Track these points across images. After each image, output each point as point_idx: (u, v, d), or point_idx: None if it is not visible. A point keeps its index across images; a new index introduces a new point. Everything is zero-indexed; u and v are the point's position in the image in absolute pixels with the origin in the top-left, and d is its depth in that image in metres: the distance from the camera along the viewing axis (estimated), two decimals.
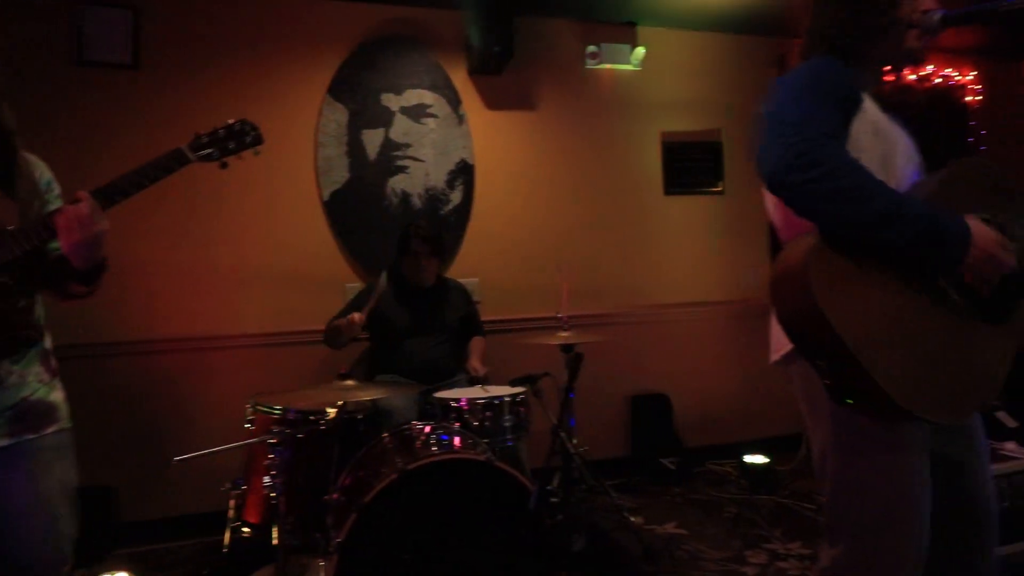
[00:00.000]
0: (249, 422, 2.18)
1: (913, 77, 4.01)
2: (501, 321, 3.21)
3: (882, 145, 1.21)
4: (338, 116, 3.05)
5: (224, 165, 1.44)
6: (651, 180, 3.59)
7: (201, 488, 2.65)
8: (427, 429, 1.90)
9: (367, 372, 2.87)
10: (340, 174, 3.05)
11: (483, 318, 3.04)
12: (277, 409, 2.11)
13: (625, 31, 3.55)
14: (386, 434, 2.00)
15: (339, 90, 3.06)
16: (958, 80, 4.11)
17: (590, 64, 3.47)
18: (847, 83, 1.18)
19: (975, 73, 4.15)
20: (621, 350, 3.47)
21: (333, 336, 2.61)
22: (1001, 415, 3.22)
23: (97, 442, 2.65)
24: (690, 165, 3.66)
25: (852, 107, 1.17)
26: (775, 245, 1.21)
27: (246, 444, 2.04)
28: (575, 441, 2.59)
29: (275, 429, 1.98)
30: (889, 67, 1.32)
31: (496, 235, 3.30)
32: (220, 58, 2.95)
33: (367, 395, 1.95)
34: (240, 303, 2.94)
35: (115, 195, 1.23)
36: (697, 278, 3.60)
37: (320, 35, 3.08)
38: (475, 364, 2.69)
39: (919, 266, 1.10)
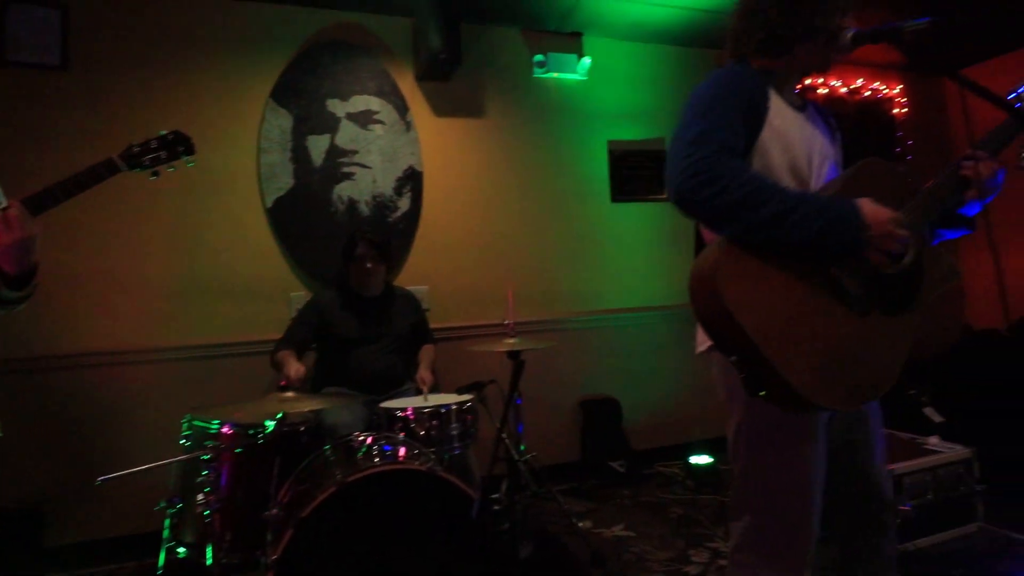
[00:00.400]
0: (185, 438, 2.10)
1: (844, 90, 4.21)
2: (450, 328, 3.21)
3: (790, 151, 1.27)
4: (282, 121, 2.99)
5: (156, 175, 1.49)
6: (598, 187, 3.65)
7: (135, 508, 2.55)
8: (369, 440, 1.87)
9: (314, 383, 2.81)
10: (284, 181, 2.99)
11: (432, 325, 3.02)
12: (214, 423, 2.05)
13: (571, 41, 3.61)
14: (328, 446, 1.96)
15: (283, 95, 3.00)
16: (886, 93, 4.34)
17: (538, 73, 3.51)
18: (751, 92, 1.25)
19: (901, 87, 4.39)
20: (572, 355, 3.51)
21: (278, 369, 2.55)
22: (928, 411, 3.39)
23: (23, 462, 2.51)
24: (636, 173, 3.74)
25: (756, 115, 1.24)
26: (700, 248, 1.27)
27: (176, 461, 1.96)
28: (523, 447, 2.60)
29: (209, 444, 1.92)
30: (804, 74, 1.39)
31: (445, 242, 3.30)
32: (157, 60, 2.85)
33: (308, 407, 1.92)
34: (178, 314, 2.84)
35: (45, 201, 1.28)
36: (645, 283, 3.67)
37: (262, 39, 3.02)
38: (423, 375, 2.66)
39: (827, 258, 1.17)
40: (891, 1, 3.43)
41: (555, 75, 3.55)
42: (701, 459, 3.21)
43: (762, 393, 1.17)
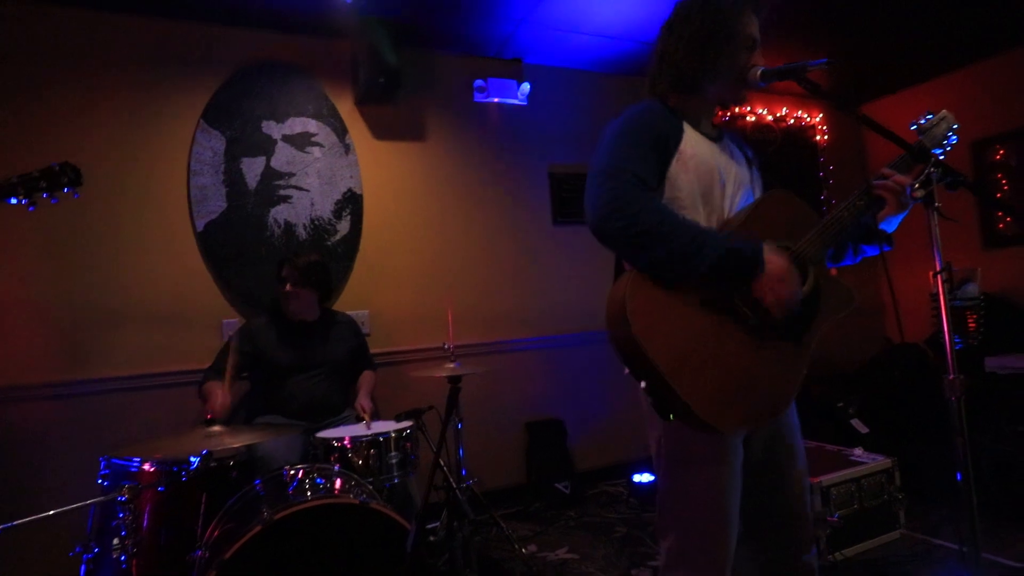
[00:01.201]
0: (102, 477, 1.98)
1: (771, 118, 4.44)
2: (392, 353, 3.16)
3: (702, 180, 1.33)
4: (214, 143, 2.91)
5: (33, 205, 1.49)
6: (540, 210, 3.70)
7: (46, 556, 2.37)
8: (300, 473, 1.81)
9: (248, 413, 2.71)
10: (216, 204, 2.89)
11: (374, 350, 2.97)
12: (134, 461, 1.93)
13: (511, 67, 3.67)
14: (258, 481, 1.89)
15: (215, 116, 2.91)
16: (808, 121, 4.60)
17: (478, 98, 3.55)
18: (663, 125, 1.32)
19: (822, 115, 4.67)
20: (516, 378, 3.51)
21: (205, 400, 2.44)
22: (855, 422, 3.56)
23: None
24: (577, 196, 3.81)
25: (667, 148, 1.31)
26: (620, 275, 1.32)
27: (89, 504, 1.84)
28: (464, 473, 2.57)
29: (128, 484, 1.81)
30: (717, 108, 1.46)
31: (386, 266, 3.26)
32: (82, 79, 2.72)
33: (237, 440, 1.84)
34: (100, 344, 2.68)
35: None
36: (587, 304, 3.72)
37: (193, 59, 2.94)
38: (362, 403, 2.60)
39: (724, 287, 1.24)
40: (805, 37, 3.67)
41: (496, 100, 3.59)
42: (644, 477, 3.25)
43: (672, 417, 1.21)
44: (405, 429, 2.25)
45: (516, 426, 3.49)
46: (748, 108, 4.34)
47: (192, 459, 1.87)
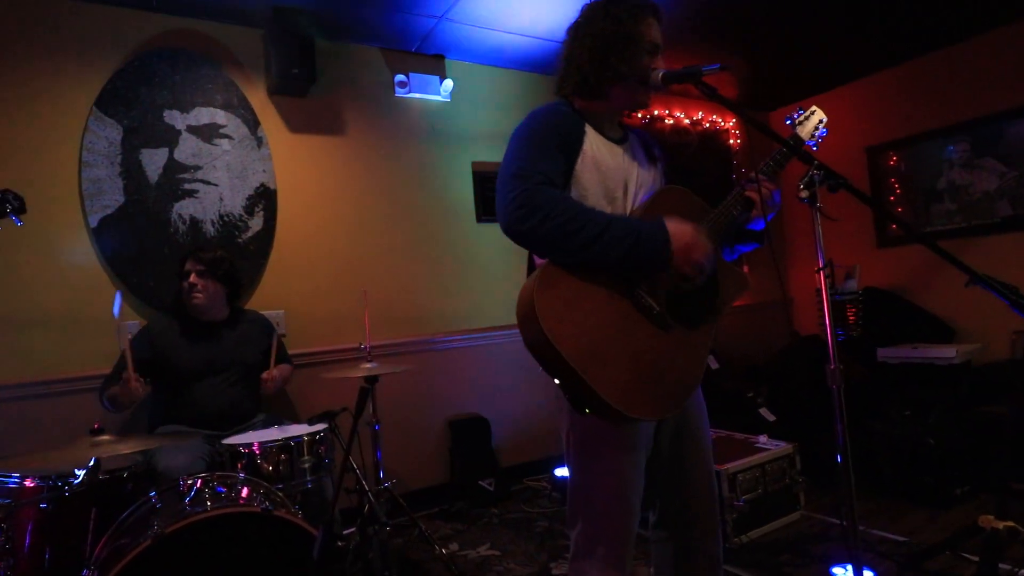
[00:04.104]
0: None
1: (688, 121, 4.61)
2: (308, 354, 3.06)
3: (605, 180, 1.38)
4: (109, 132, 2.71)
5: None
6: (464, 208, 3.69)
7: None
8: (199, 483, 1.71)
9: (149, 423, 2.54)
10: (112, 198, 2.70)
11: (290, 351, 2.87)
12: (13, 477, 1.77)
13: (434, 63, 3.63)
14: (153, 493, 1.77)
15: (110, 103, 2.71)
16: (722, 125, 4.82)
17: (399, 93, 3.49)
18: (567, 127, 1.36)
19: (735, 119, 4.90)
20: (439, 376, 3.48)
21: (112, 403, 2.28)
22: (763, 411, 3.76)
23: None
24: None
25: (572, 148, 1.34)
26: (532, 270, 1.35)
27: None
28: (382, 475, 2.53)
29: (4, 502, 1.66)
30: (623, 110, 1.50)
31: (302, 263, 3.15)
32: None
33: (128, 448, 1.72)
34: None
35: None
36: (512, 301, 3.72)
37: (85, 42, 2.72)
38: (270, 372, 2.50)
39: (640, 274, 1.28)
40: (718, 47, 3.83)
41: (418, 96, 3.54)
42: (565, 470, 3.30)
43: (587, 411, 1.25)
44: (318, 432, 2.18)
45: (439, 425, 3.46)
46: (667, 111, 4.49)
47: (77, 471, 1.74)
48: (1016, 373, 3.37)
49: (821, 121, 1.61)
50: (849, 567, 1.35)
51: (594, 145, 1.38)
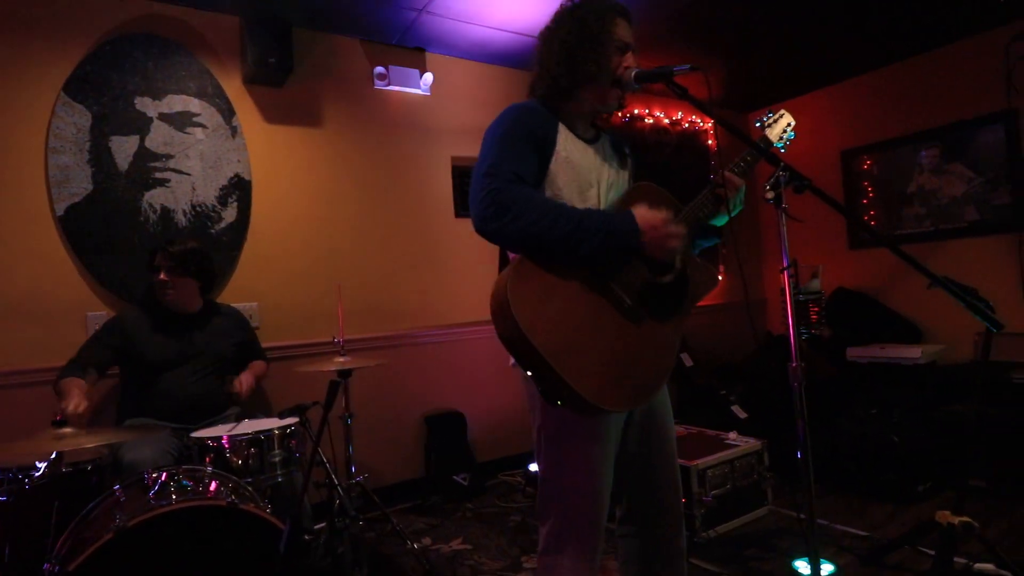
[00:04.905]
0: None
1: (667, 121, 4.65)
2: (282, 347, 3.03)
3: (578, 178, 1.39)
4: (78, 119, 2.65)
5: None
6: (442, 202, 3.67)
7: None
8: (164, 476, 1.69)
9: (118, 415, 2.50)
10: (80, 185, 2.64)
11: (263, 344, 2.84)
12: None
13: (414, 56, 3.61)
14: (118, 486, 1.75)
15: (79, 89, 2.65)
16: (701, 126, 4.86)
17: (379, 85, 3.46)
18: (539, 126, 1.37)
19: (713, 121, 4.94)
20: (415, 371, 3.48)
21: (58, 395, 2.22)
22: (735, 408, 3.82)
23: None
24: None
25: (544, 148, 1.35)
26: (504, 266, 1.36)
27: None
28: (354, 469, 2.52)
29: None
30: (598, 109, 1.50)
31: (276, 256, 3.11)
32: None
33: (91, 441, 1.69)
34: None
35: None
36: (488, 298, 3.73)
37: (53, 25, 2.65)
38: (243, 376, 2.49)
39: (613, 266, 1.30)
40: (698, 49, 3.86)
41: (397, 88, 3.52)
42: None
43: (559, 403, 1.26)
44: (289, 426, 2.17)
45: (415, 420, 3.45)
46: (647, 111, 4.52)
47: (39, 464, 1.71)
48: (978, 374, 3.47)
49: (789, 124, 1.64)
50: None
51: (566, 145, 1.39)
